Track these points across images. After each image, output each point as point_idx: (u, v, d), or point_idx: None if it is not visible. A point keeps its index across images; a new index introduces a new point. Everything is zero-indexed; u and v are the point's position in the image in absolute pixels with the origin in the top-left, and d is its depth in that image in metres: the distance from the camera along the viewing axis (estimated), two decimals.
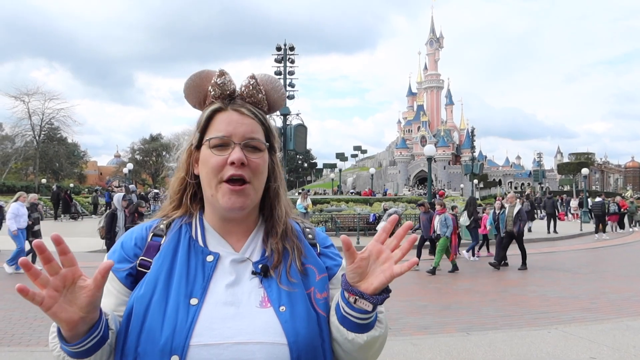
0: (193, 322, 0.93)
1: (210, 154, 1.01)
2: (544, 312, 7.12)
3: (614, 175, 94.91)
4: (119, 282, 1.02)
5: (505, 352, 5.18)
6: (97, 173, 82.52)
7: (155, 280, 0.99)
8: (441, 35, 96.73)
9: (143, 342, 0.93)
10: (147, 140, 75.67)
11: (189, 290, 0.97)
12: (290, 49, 22.82)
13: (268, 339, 0.93)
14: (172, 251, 1.03)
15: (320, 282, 1.05)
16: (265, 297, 0.99)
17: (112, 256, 1.06)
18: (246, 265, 1.04)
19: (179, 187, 1.11)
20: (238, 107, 1.04)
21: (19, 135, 52.22)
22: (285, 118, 22.10)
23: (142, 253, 1.04)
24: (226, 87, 1.05)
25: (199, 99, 1.09)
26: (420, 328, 6.28)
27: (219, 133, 1.01)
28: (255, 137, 1.03)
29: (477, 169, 52.24)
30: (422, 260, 10.64)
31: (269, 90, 1.10)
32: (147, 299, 0.96)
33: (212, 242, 1.06)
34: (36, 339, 5.67)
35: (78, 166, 67.46)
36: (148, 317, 0.94)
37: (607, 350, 5.27)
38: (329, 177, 72.68)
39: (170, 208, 1.12)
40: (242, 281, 1.01)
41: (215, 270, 1.01)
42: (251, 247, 1.07)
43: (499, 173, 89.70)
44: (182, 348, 0.90)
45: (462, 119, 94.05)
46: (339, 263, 1.12)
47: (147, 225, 1.10)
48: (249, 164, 1.01)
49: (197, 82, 1.08)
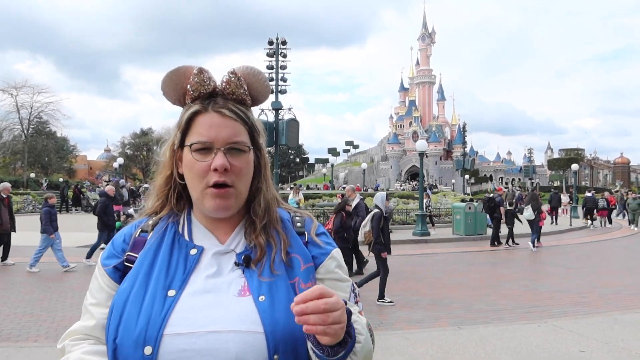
0: (168, 313, 0.93)
1: (193, 159, 1.00)
2: (535, 306, 7.18)
3: (603, 170, 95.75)
4: (108, 277, 1.04)
5: (496, 346, 5.22)
6: (87, 167, 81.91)
7: (137, 274, 1.00)
8: (433, 31, 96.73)
9: (120, 334, 0.94)
10: (138, 134, 75.09)
11: (168, 282, 0.98)
12: (283, 43, 22.68)
13: (243, 328, 0.92)
14: (155, 246, 1.04)
15: (305, 272, 1.03)
16: (245, 285, 0.98)
17: (104, 253, 1.09)
18: (230, 257, 1.03)
19: (166, 186, 1.10)
20: (219, 108, 1.01)
21: (6, 129, 51.52)
22: (277, 113, 22.01)
23: (129, 249, 1.06)
24: (205, 86, 1.02)
25: (178, 96, 1.06)
26: (412, 322, 6.31)
27: (201, 138, 0.99)
28: (239, 139, 1.01)
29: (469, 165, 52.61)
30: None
31: (252, 83, 1.07)
32: (127, 292, 0.98)
33: (199, 236, 1.06)
34: (25, 334, 5.62)
35: (67, 160, 66.87)
36: (126, 309, 0.95)
37: (596, 343, 5.33)
38: (321, 172, 72.78)
39: (157, 205, 1.11)
40: (224, 272, 1.00)
41: (198, 263, 1.01)
42: (236, 239, 1.06)
43: (490, 168, 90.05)
44: (155, 339, 0.91)
45: (454, 115, 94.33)
46: (326, 251, 1.08)
47: (136, 223, 1.12)
48: (233, 169, 0.99)
49: (174, 80, 1.05)
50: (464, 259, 12.59)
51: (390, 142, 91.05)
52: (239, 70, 1.06)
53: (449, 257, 12.93)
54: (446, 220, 20.72)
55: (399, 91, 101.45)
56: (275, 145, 21.72)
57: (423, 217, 16.83)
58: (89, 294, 1.06)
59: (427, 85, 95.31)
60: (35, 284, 8.54)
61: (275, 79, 22.72)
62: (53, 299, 7.38)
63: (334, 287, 1.05)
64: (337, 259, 1.09)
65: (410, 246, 14.89)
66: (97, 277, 1.06)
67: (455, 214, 17.85)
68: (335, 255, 1.10)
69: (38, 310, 6.70)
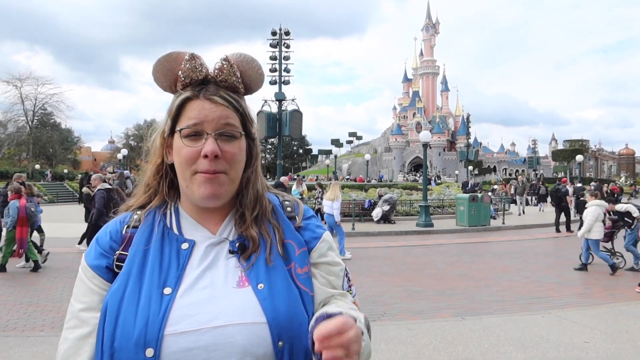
0: (167, 312, 0.90)
1: (182, 145, 0.97)
2: (538, 297, 7.18)
3: (608, 162, 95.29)
4: (100, 278, 0.98)
5: (499, 337, 5.23)
6: (91, 159, 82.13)
7: (128, 273, 0.96)
8: (437, 21, 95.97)
9: (118, 337, 0.90)
10: (141, 126, 75.33)
11: (162, 280, 0.94)
12: (286, 34, 22.60)
13: (247, 320, 0.91)
14: (144, 242, 1.00)
15: (300, 257, 1.02)
16: (243, 276, 0.96)
17: (89, 253, 1.02)
18: (223, 246, 1.00)
19: (157, 174, 1.06)
20: (210, 95, 0.98)
21: (11, 121, 51.73)
22: (280, 104, 21.96)
23: (119, 247, 1.01)
24: (197, 72, 0.99)
25: (169, 83, 1.03)
26: (415, 313, 6.32)
27: (191, 121, 0.96)
28: (230, 123, 0.98)
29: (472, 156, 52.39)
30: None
31: (245, 70, 1.04)
32: (121, 293, 0.94)
33: (188, 229, 1.02)
34: (31, 324, 5.67)
35: (72, 152, 67.03)
36: (122, 311, 0.91)
37: (600, 334, 5.33)
38: (324, 164, 72.63)
39: (146, 197, 1.07)
40: (219, 263, 0.98)
41: (190, 257, 0.98)
42: (228, 227, 1.03)
43: (494, 160, 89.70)
44: (155, 340, 0.88)
45: (458, 106, 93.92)
46: (318, 235, 1.07)
47: (120, 218, 1.06)
48: (224, 155, 0.96)
49: (165, 66, 1.01)
50: (468, 250, 12.60)
51: (394, 133, 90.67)
52: (232, 57, 1.03)
53: (453, 248, 12.94)
54: (450, 212, 20.71)
55: (403, 82, 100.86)
56: (278, 137, 21.70)
57: (427, 208, 16.83)
58: (75, 300, 0.99)
59: (431, 76, 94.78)
60: (41, 274, 8.61)
61: (279, 69, 22.65)
62: (59, 289, 7.43)
63: (327, 272, 1.05)
64: (328, 241, 1.09)
65: (413, 237, 14.91)
66: (83, 279, 1.00)
67: (459, 205, 17.83)
68: (327, 238, 1.09)
69: (44, 300, 6.75)
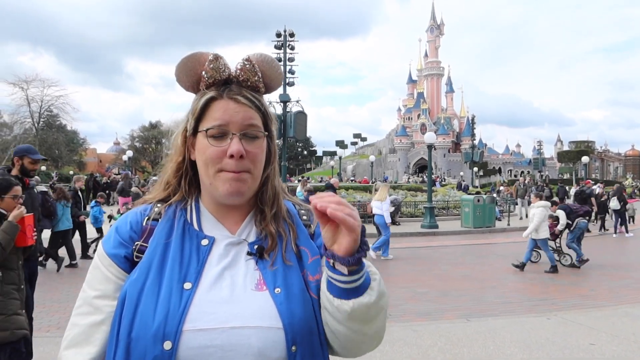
0: (186, 307, 0.92)
1: (208, 144, 0.99)
2: (544, 299, 7.15)
3: (614, 163, 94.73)
4: (118, 267, 1.00)
5: (505, 338, 5.21)
6: (97, 160, 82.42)
7: (149, 265, 0.97)
8: (442, 22, 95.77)
9: (136, 327, 0.92)
10: (147, 127, 75.53)
11: (183, 275, 0.96)
12: (290, 35, 22.63)
13: (264, 323, 0.92)
14: (165, 235, 1.01)
15: (313, 265, 1.03)
16: (260, 279, 0.98)
17: (108, 242, 1.03)
18: (242, 247, 1.02)
19: (178, 172, 1.09)
20: (234, 95, 1.01)
21: (17, 123, 52.08)
22: (285, 105, 22.00)
23: (139, 238, 1.02)
24: (220, 72, 1.02)
25: (192, 83, 1.05)
26: (420, 314, 6.31)
27: (216, 122, 0.99)
28: (254, 124, 1.01)
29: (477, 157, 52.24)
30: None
31: (265, 70, 1.07)
32: (141, 283, 0.95)
33: (208, 225, 1.04)
34: (37, 325, 5.68)
35: (77, 153, 67.32)
36: (141, 302, 0.93)
37: (606, 336, 5.30)
38: (329, 165, 72.57)
39: (166, 193, 1.09)
40: (238, 264, 1.00)
41: (210, 254, 1.00)
42: (247, 229, 1.06)
43: (499, 161, 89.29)
44: (174, 334, 0.89)
45: (462, 107, 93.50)
46: None
47: (140, 209, 1.08)
48: (248, 155, 0.99)
49: (189, 66, 1.04)
50: (473, 251, 12.56)
51: (399, 134, 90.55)
52: (253, 57, 1.06)
53: (457, 249, 12.91)
54: (454, 213, 20.66)
55: (407, 83, 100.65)
56: (283, 138, 21.73)
57: (431, 209, 16.79)
58: (89, 287, 1.01)
59: (436, 77, 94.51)
60: (46, 275, 8.65)
61: (284, 71, 22.68)
62: (64, 290, 7.47)
63: None
64: None
65: (418, 239, 14.88)
66: (99, 267, 1.01)
67: (463, 206, 17.79)
68: None
69: (49, 301, 6.78)
